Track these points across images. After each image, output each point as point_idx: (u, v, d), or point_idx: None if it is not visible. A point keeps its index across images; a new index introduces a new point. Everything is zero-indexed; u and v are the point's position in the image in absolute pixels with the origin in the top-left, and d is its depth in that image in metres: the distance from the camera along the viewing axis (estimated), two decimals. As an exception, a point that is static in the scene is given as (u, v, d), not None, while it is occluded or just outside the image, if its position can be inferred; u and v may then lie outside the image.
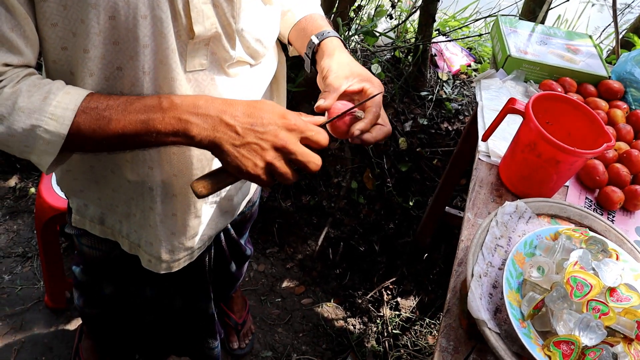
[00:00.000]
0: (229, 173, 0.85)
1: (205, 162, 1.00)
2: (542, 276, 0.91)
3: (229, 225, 1.35)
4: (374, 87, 0.96)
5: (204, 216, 1.11)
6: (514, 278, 0.93)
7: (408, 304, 2.31)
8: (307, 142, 0.86)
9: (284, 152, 0.83)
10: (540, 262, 0.93)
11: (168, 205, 1.04)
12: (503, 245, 1.01)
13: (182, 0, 0.81)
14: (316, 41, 1.03)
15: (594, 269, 0.90)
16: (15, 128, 0.77)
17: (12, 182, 2.37)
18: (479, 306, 0.89)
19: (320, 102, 0.93)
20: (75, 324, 1.97)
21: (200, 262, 1.29)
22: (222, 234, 1.34)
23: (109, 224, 1.13)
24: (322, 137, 0.87)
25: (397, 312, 2.28)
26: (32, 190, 2.35)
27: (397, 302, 2.31)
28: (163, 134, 0.81)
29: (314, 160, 0.86)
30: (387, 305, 2.29)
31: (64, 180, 1.08)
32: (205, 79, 0.92)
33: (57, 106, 0.77)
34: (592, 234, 0.98)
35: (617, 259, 0.96)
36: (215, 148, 0.82)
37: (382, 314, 2.26)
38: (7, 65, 0.78)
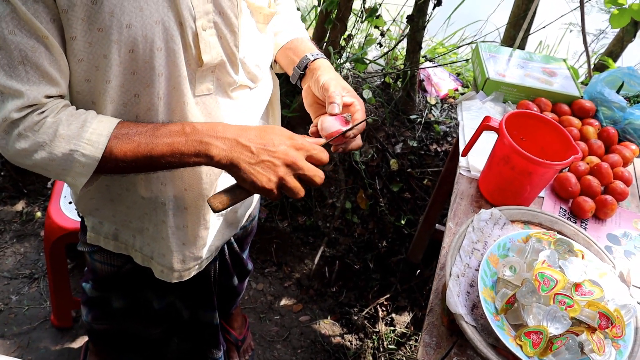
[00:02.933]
0: (243, 189, 0.97)
1: (214, 176, 1.11)
2: (514, 274, 1.01)
3: (232, 239, 1.45)
4: (361, 106, 1.10)
5: (212, 227, 1.22)
6: (488, 277, 1.02)
7: (403, 320, 2.38)
8: (311, 160, 0.98)
9: (293, 168, 0.95)
10: (512, 262, 1.02)
11: (179, 217, 1.14)
12: (479, 248, 1.10)
13: (192, 34, 0.93)
14: (311, 58, 1.16)
15: (560, 267, 1.00)
16: (55, 153, 0.87)
17: (19, 206, 2.46)
18: (457, 302, 0.98)
19: (334, 108, 1.05)
20: (80, 342, 2.04)
21: (207, 273, 1.38)
22: (225, 247, 1.44)
23: (123, 239, 1.22)
24: (324, 156, 1.00)
25: (392, 328, 2.34)
26: (39, 214, 2.44)
27: (392, 318, 2.38)
28: (186, 155, 0.92)
29: (319, 175, 0.98)
30: (382, 321, 2.36)
31: (81, 200, 1.18)
32: (212, 102, 1.03)
33: (93, 132, 0.88)
34: (559, 236, 1.08)
35: (582, 258, 1.05)
36: (232, 167, 0.93)
37: (377, 330, 2.33)
38: (48, 97, 0.88)
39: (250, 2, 1.01)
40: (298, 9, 2.54)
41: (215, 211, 0.95)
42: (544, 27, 2.29)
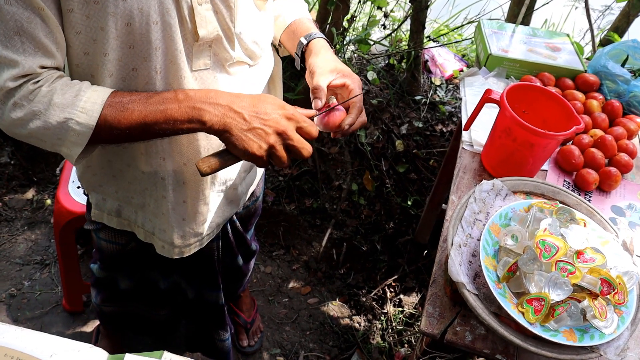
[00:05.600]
0: (232, 155, 0.97)
1: (212, 150, 1.12)
2: (515, 243, 1.01)
3: (235, 218, 1.46)
4: (354, 83, 1.10)
5: (212, 204, 1.23)
6: (490, 246, 1.02)
7: (411, 301, 2.39)
8: (301, 132, 0.99)
9: (283, 137, 0.97)
10: (514, 230, 1.03)
11: (179, 193, 1.16)
12: (481, 219, 1.10)
13: (187, 7, 0.93)
14: (305, 42, 1.16)
15: (562, 235, 1.00)
16: (50, 122, 0.88)
17: (30, 194, 2.50)
18: (459, 271, 0.98)
19: (317, 103, 1.07)
20: (92, 326, 2.07)
21: (210, 252, 1.39)
22: (228, 226, 1.45)
23: (125, 215, 1.24)
24: (314, 129, 1.01)
25: (400, 309, 2.35)
26: (48, 201, 2.47)
27: (400, 299, 2.39)
28: (179, 121, 0.93)
29: (307, 147, 0.99)
30: (390, 303, 2.37)
31: (84, 176, 1.19)
32: (209, 77, 1.04)
33: (87, 101, 0.89)
34: (561, 205, 1.08)
35: (584, 226, 1.06)
36: (224, 132, 0.94)
37: (386, 311, 2.34)
38: (43, 67, 0.89)
39: None
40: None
41: (202, 174, 0.97)
42: (547, 3, 2.27)
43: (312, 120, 1.04)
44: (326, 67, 1.10)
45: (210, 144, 1.10)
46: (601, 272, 0.95)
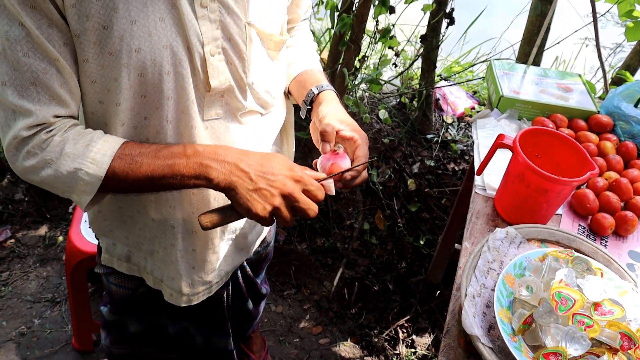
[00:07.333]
0: (236, 212, 0.97)
1: (222, 200, 1.12)
2: (530, 294, 0.99)
3: (245, 264, 1.45)
4: (362, 139, 1.09)
5: (221, 252, 1.22)
6: (504, 297, 1.00)
7: (424, 342, 2.35)
8: (307, 194, 0.99)
9: (289, 200, 0.96)
10: (529, 281, 1.00)
11: (188, 241, 1.15)
12: (495, 268, 1.08)
13: (200, 58, 0.94)
14: (315, 91, 1.17)
15: (578, 286, 0.98)
16: (61, 170, 0.89)
17: (42, 231, 2.51)
18: (472, 323, 0.96)
19: (325, 147, 1.07)
20: (101, 366, 2.05)
21: (219, 298, 1.38)
22: (238, 271, 1.44)
23: (135, 261, 1.24)
24: (320, 193, 1.00)
25: (413, 350, 2.31)
26: (61, 238, 2.48)
27: (412, 339, 2.35)
28: (186, 177, 0.93)
29: (313, 208, 0.99)
30: (403, 344, 2.33)
31: (95, 221, 1.20)
32: (221, 126, 1.04)
33: (97, 152, 0.90)
34: (577, 254, 1.06)
35: (601, 276, 1.03)
36: (230, 190, 0.94)
37: (398, 352, 2.30)
38: (56, 116, 0.91)
39: (261, 29, 1.02)
40: (313, 32, 2.57)
41: (203, 228, 0.96)
42: (558, 43, 2.28)
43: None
44: (336, 116, 1.10)
45: (220, 194, 1.10)
46: (620, 326, 0.92)
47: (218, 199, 1.11)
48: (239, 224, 1.20)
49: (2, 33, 0.85)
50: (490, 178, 1.41)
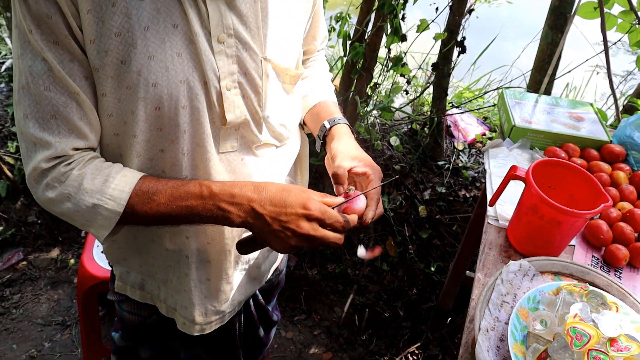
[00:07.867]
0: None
1: (236, 231, 1.13)
2: (545, 329, 0.98)
3: (257, 292, 1.45)
4: (375, 173, 1.09)
5: (235, 282, 1.22)
6: (518, 331, 0.99)
7: (435, 370, 2.32)
8: (327, 227, 0.97)
9: (306, 239, 0.96)
10: (543, 315, 1.00)
11: (202, 271, 1.16)
12: (509, 301, 1.08)
13: (216, 93, 0.96)
14: (328, 126, 1.18)
15: (593, 321, 0.97)
16: (80, 205, 0.91)
17: (54, 253, 2.53)
18: (486, 358, 0.95)
19: (339, 189, 1.07)
20: (110, 392, 2.04)
21: (231, 327, 1.38)
22: (251, 299, 1.44)
23: (148, 289, 1.24)
24: (339, 224, 0.97)
25: (423, 378, 2.28)
26: (72, 261, 2.50)
27: (423, 367, 2.32)
28: (205, 217, 0.95)
29: (335, 240, 0.97)
30: (413, 371, 2.31)
31: (109, 249, 1.21)
32: (236, 159, 1.06)
33: (115, 189, 0.91)
34: (591, 288, 1.05)
35: (617, 311, 1.02)
36: (249, 229, 0.97)
37: (409, 380, 2.27)
38: (76, 149, 0.93)
39: (277, 64, 1.03)
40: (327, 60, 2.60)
41: (241, 253, 1.01)
42: (569, 72, 2.29)
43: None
44: (348, 154, 1.10)
45: None
46: (637, 363, 0.91)
47: (232, 230, 1.11)
48: (252, 254, 1.21)
49: (27, 68, 0.87)
50: (503, 208, 1.41)
